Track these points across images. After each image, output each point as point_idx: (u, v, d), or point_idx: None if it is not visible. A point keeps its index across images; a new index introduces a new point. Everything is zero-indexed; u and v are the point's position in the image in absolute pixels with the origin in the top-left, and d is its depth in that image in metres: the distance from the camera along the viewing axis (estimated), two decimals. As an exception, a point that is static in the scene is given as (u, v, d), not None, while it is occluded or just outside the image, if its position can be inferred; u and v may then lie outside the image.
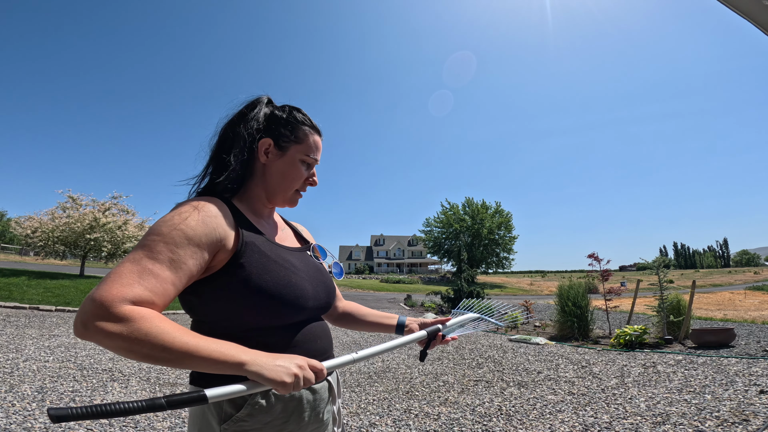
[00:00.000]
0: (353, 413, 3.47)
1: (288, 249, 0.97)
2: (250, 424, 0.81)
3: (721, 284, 42.91)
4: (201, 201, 0.84)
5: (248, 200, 0.98)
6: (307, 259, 1.00)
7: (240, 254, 0.84)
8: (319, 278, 0.98)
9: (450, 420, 3.30)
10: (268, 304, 0.83)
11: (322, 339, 0.95)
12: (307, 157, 0.98)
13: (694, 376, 4.53)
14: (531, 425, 3.17)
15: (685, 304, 7.24)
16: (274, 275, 0.85)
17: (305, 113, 1.01)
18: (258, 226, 0.94)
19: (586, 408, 3.56)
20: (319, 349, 0.93)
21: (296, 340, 0.89)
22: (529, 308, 11.08)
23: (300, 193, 1.02)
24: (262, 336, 0.84)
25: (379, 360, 5.63)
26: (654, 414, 3.33)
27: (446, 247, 52.44)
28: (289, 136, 0.96)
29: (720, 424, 3.06)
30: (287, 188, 0.98)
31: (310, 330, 0.92)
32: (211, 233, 0.81)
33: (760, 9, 1.58)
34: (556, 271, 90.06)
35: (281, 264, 0.89)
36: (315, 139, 0.99)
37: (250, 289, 0.82)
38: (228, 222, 0.85)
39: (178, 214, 0.81)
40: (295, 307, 0.87)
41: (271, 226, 1.02)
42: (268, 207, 1.02)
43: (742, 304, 18.32)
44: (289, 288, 0.86)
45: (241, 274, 0.83)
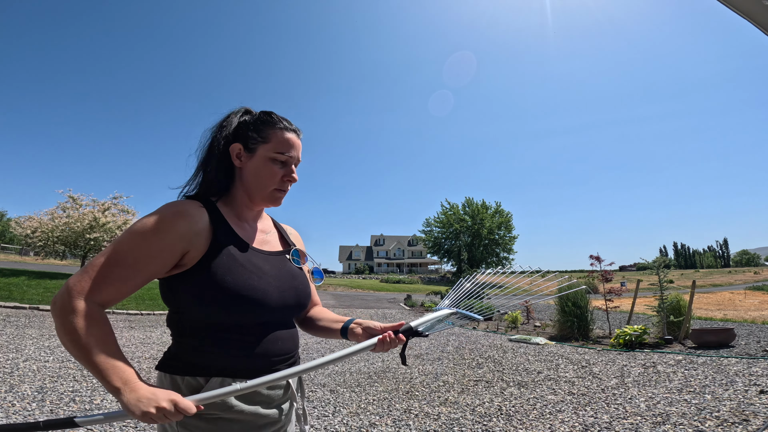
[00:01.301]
0: (353, 413, 3.47)
1: (263, 253, 1.02)
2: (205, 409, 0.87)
3: (721, 284, 42.91)
4: (179, 204, 0.93)
5: (232, 203, 1.04)
6: (282, 263, 1.05)
7: (209, 255, 0.91)
8: (290, 283, 1.02)
9: (450, 420, 3.30)
10: (228, 303, 0.89)
11: (284, 341, 1.00)
12: (278, 155, 1.01)
13: (694, 376, 4.53)
14: (531, 425, 3.17)
15: (685, 304, 7.24)
16: (236, 277, 0.91)
17: (277, 115, 1.04)
18: (237, 228, 1.01)
19: (586, 408, 3.56)
20: (279, 351, 0.98)
21: (257, 340, 0.94)
22: (529, 308, 11.09)
23: (281, 191, 1.04)
24: (225, 333, 0.91)
25: (379, 360, 5.63)
26: (654, 414, 3.33)
27: (446, 247, 52.46)
28: (257, 138, 1.01)
29: (720, 424, 3.06)
30: (262, 187, 1.02)
31: (272, 332, 0.97)
32: (182, 235, 0.89)
33: (760, 9, 1.58)
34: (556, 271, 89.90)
35: (247, 267, 0.94)
36: (285, 136, 1.02)
37: (212, 288, 0.89)
38: (202, 224, 0.92)
39: (154, 216, 0.89)
40: (254, 308, 0.92)
41: (253, 229, 1.06)
42: (254, 209, 1.07)
43: (742, 304, 18.32)
44: (249, 290, 0.91)
45: (206, 273, 0.90)
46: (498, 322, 10.11)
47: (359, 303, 17.41)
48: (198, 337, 0.92)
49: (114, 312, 9.66)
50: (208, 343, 0.91)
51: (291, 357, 1.02)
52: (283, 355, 0.99)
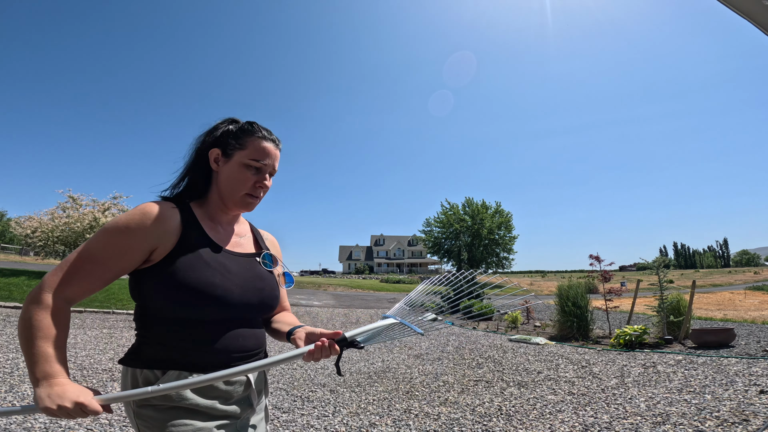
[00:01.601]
0: (353, 413, 3.47)
1: (232, 254, 1.06)
2: (159, 400, 0.91)
3: (721, 284, 42.88)
4: (150, 204, 0.98)
5: (207, 206, 1.10)
6: (251, 265, 1.09)
7: (175, 252, 0.96)
8: (255, 284, 1.05)
9: (450, 420, 3.30)
10: (188, 299, 0.93)
11: (246, 339, 1.03)
12: (253, 161, 1.05)
13: (694, 376, 4.53)
14: (531, 425, 3.17)
15: (685, 304, 7.24)
16: (199, 274, 0.95)
17: (258, 125, 1.09)
18: (210, 230, 1.06)
19: (586, 408, 3.56)
20: (239, 348, 1.01)
21: (217, 336, 0.97)
22: (529, 308, 11.09)
23: (252, 197, 1.08)
24: (185, 327, 0.95)
25: (379, 360, 5.63)
26: (654, 414, 3.33)
27: (446, 247, 52.42)
28: (234, 144, 1.06)
29: (720, 424, 3.06)
30: (234, 191, 1.06)
31: (233, 329, 1.00)
32: (148, 235, 0.94)
33: (760, 9, 1.58)
34: (556, 271, 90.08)
35: (211, 265, 0.98)
36: (262, 145, 1.06)
37: (174, 284, 0.93)
38: (171, 223, 0.98)
39: (126, 216, 0.95)
40: (214, 305, 0.96)
41: (226, 231, 1.11)
42: (228, 213, 1.12)
43: (742, 304, 18.31)
44: (210, 287, 0.95)
45: (171, 269, 0.94)
46: (498, 322, 10.11)
47: (359, 303, 17.40)
48: (159, 331, 0.95)
49: (114, 312, 9.67)
50: (168, 337, 0.95)
51: (253, 355, 1.05)
52: (243, 352, 1.01)
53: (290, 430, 3.08)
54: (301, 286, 28.45)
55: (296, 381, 4.45)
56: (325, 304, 15.87)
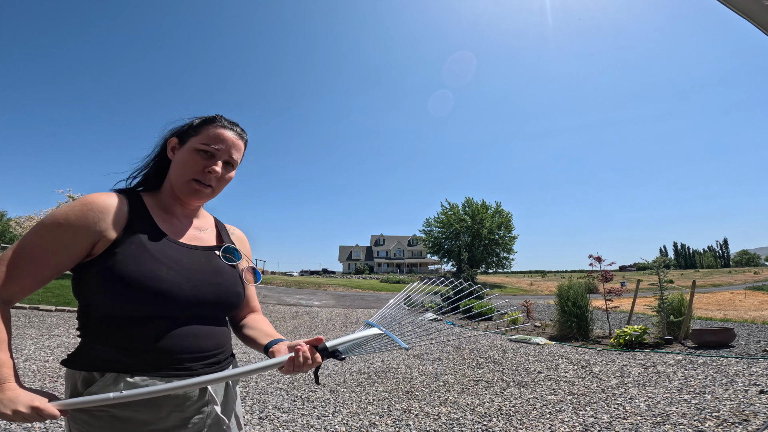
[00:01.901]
0: (353, 413, 3.47)
1: (185, 246, 0.99)
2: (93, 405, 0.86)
3: (721, 284, 42.90)
4: (91, 196, 0.92)
5: (162, 196, 1.05)
6: (208, 258, 1.01)
7: (117, 244, 0.89)
8: (211, 279, 0.98)
9: (450, 420, 3.30)
10: (129, 294, 0.86)
11: (200, 338, 0.94)
12: (204, 146, 1.00)
13: (694, 376, 4.53)
14: (531, 425, 3.17)
15: (685, 304, 7.24)
16: (141, 267, 0.87)
17: (222, 117, 1.05)
18: (161, 221, 0.99)
19: (586, 408, 3.56)
20: (190, 348, 0.92)
21: (162, 335, 0.89)
22: (529, 308, 11.09)
23: (200, 183, 1.00)
24: (127, 325, 0.88)
25: (379, 360, 5.63)
26: (654, 414, 3.33)
27: (446, 247, 52.44)
28: (191, 132, 1.02)
29: (720, 424, 3.06)
30: (181, 176, 1.00)
31: (185, 327, 0.92)
32: (89, 227, 0.88)
33: (760, 9, 1.58)
34: (556, 271, 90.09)
35: (157, 258, 0.91)
36: (216, 131, 1.01)
37: (113, 277, 0.86)
38: (116, 214, 0.92)
39: (66, 207, 0.90)
40: (159, 300, 0.88)
41: (182, 223, 1.05)
42: (185, 205, 1.06)
43: (742, 304, 18.32)
44: (154, 281, 0.87)
45: (110, 261, 0.87)
46: (498, 322, 10.11)
47: (359, 303, 17.40)
48: (99, 330, 0.89)
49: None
50: (109, 337, 0.88)
51: (211, 356, 0.96)
52: (197, 352, 0.93)
53: (290, 430, 3.08)
54: (301, 286, 28.45)
55: (296, 381, 4.45)
56: (325, 304, 15.87)
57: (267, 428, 3.11)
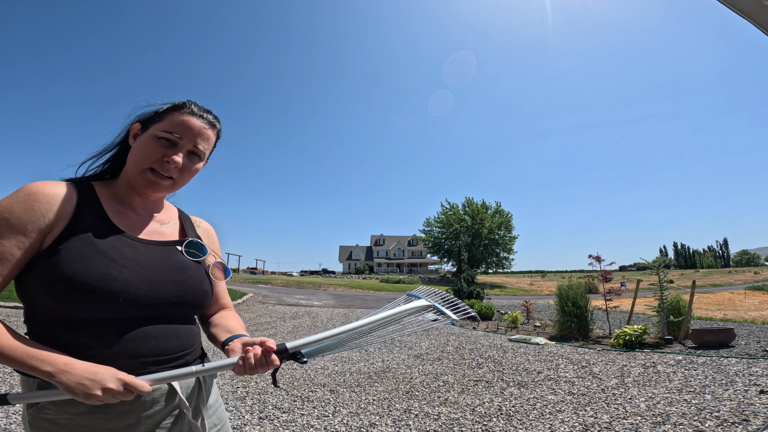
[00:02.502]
0: (353, 413, 3.47)
1: (141, 242, 0.90)
2: (55, 413, 0.79)
3: (721, 284, 42.90)
4: (38, 184, 0.83)
5: (117, 186, 0.96)
6: (168, 254, 0.93)
7: (62, 239, 0.80)
8: (172, 276, 0.90)
9: (450, 420, 3.30)
10: (75, 295, 0.77)
11: (161, 340, 0.86)
12: (166, 133, 0.90)
13: (694, 376, 4.53)
14: (531, 425, 3.17)
15: (685, 304, 7.24)
16: (88, 265, 0.79)
17: (192, 103, 0.96)
18: (115, 213, 0.90)
19: (586, 408, 3.56)
20: (151, 350, 0.84)
21: (118, 337, 0.81)
22: (529, 308, 11.09)
23: (160, 175, 0.91)
24: (80, 328, 0.80)
25: (379, 360, 5.63)
26: (654, 414, 3.33)
27: (446, 247, 52.45)
28: (155, 118, 0.94)
29: (720, 424, 3.06)
30: (136, 164, 0.91)
31: (144, 329, 0.84)
32: (37, 219, 0.79)
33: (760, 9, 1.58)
34: (556, 271, 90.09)
35: (108, 255, 0.82)
36: (182, 118, 0.92)
37: (58, 277, 0.77)
38: (63, 205, 0.82)
39: (7, 199, 0.80)
40: (112, 301, 0.79)
41: (140, 216, 0.96)
42: (139, 195, 0.96)
43: (742, 304, 18.32)
44: (103, 280, 0.79)
45: (53, 260, 0.78)
46: (498, 322, 10.11)
47: (359, 303, 17.40)
48: (51, 334, 0.80)
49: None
50: (62, 342, 0.79)
51: (175, 358, 0.89)
52: (160, 355, 0.85)
53: (290, 430, 3.08)
54: (301, 286, 28.45)
55: (296, 381, 4.45)
56: (325, 304, 15.87)
57: (267, 428, 3.11)
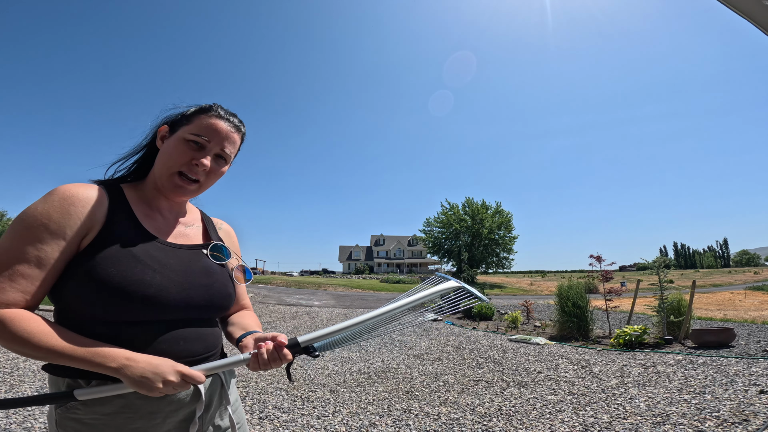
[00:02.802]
0: (353, 413, 3.47)
1: (170, 245, 0.92)
2: (84, 413, 0.80)
3: (721, 284, 42.90)
4: (71, 187, 0.84)
5: (144, 189, 0.97)
6: (195, 258, 0.95)
7: (96, 243, 0.82)
8: (200, 280, 0.92)
9: (450, 420, 3.30)
10: (112, 299, 0.79)
11: (189, 342, 0.88)
12: (195, 137, 0.92)
13: (694, 376, 4.53)
14: (531, 425, 3.17)
15: (685, 304, 7.24)
16: (122, 269, 0.80)
17: (219, 106, 0.98)
18: (144, 216, 0.92)
19: (586, 408, 3.56)
20: (181, 352, 0.86)
21: (151, 340, 0.83)
22: (529, 308, 11.09)
23: (188, 179, 0.93)
24: (112, 331, 0.81)
25: (379, 360, 5.63)
26: (654, 414, 3.33)
27: (446, 247, 52.45)
28: (183, 121, 0.95)
29: (720, 424, 3.06)
30: (166, 167, 0.92)
31: (174, 331, 0.87)
32: (75, 223, 0.80)
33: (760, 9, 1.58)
34: (556, 271, 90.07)
35: (141, 259, 0.84)
36: (210, 122, 0.94)
37: (94, 281, 0.79)
38: (97, 209, 0.84)
39: (42, 203, 0.80)
40: (145, 305, 0.82)
41: (167, 219, 0.97)
42: (168, 197, 0.97)
43: (742, 304, 18.31)
44: (137, 285, 0.81)
45: (89, 263, 0.80)
46: (498, 322, 10.11)
47: (359, 303, 17.40)
48: (82, 333, 0.80)
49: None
50: None
51: (203, 359, 0.91)
52: (188, 357, 0.87)
53: (290, 430, 3.08)
54: (301, 286, 28.45)
55: (296, 381, 4.45)
56: (325, 304, 15.87)
57: (267, 428, 3.11)
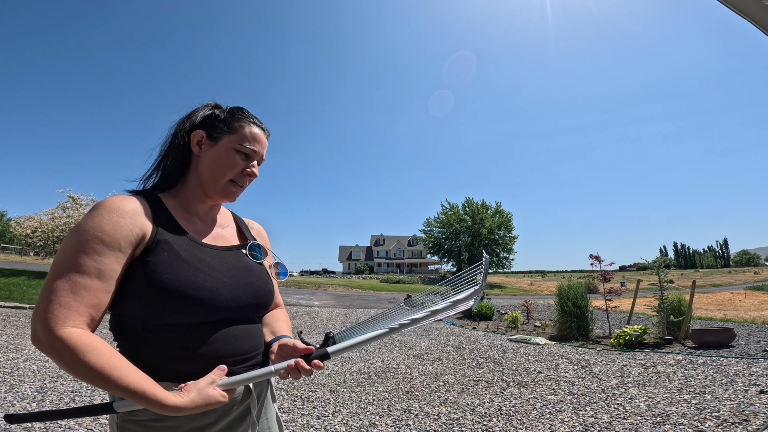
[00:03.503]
0: (353, 413, 3.47)
1: (214, 248, 0.96)
2: (144, 415, 0.83)
3: (721, 284, 42.89)
4: (116, 200, 0.86)
5: (183, 195, 0.99)
6: (237, 258, 0.99)
7: (148, 251, 0.85)
8: (244, 279, 0.96)
9: (450, 420, 3.30)
10: (169, 303, 0.83)
11: (240, 341, 0.93)
12: (242, 146, 0.97)
13: (694, 376, 4.53)
14: (531, 425, 3.17)
15: (685, 304, 7.24)
16: (177, 275, 0.85)
17: (248, 111, 1.01)
18: (186, 222, 0.95)
19: (586, 408, 3.56)
20: (232, 351, 0.90)
21: (205, 340, 0.87)
22: (529, 308, 11.09)
23: (238, 186, 1.00)
24: (167, 333, 0.85)
25: (379, 360, 5.63)
26: (654, 414, 3.33)
27: (446, 247, 52.46)
28: (222, 128, 0.98)
29: (720, 424, 3.06)
30: (218, 177, 0.97)
31: (225, 330, 0.90)
32: (127, 234, 0.83)
33: (760, 9, 1.58)
34: (556, 271, 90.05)
35: (192, 264, 0.88)
36: (252, 131, 0.99)
37: (151, 287, 0.82)
38: (144, 219, 0.87)
39: (92, 218, 0.82)
40: (200, 308, 0.86)
41: (205, 223, 1.01)
42: (207, 202, 1.01)
43: (742, 304, 18.31)
44: (192, 289, 0.85)
45: (144, 271, 0.83)
46: (498, 322, 10.11)
47: (359, 303, 17.40)
48: (139, 339, 0.85)
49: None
50: (150, 346, 0.85)
51: (251, 357, 0.95)
52: (239, 355, 0.92)
53: (290, 430, 3.08)
54: (301, 286, 28.44)
55: (296, 381, 4.45)
56: (325, 304, 15.86)
57: (267, 428, 3.11)
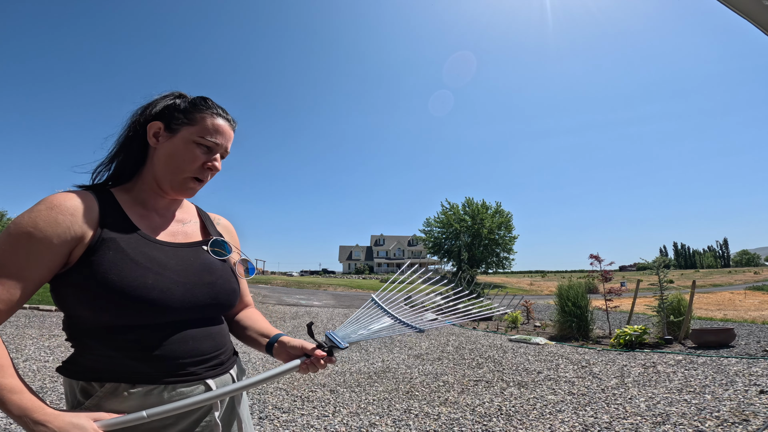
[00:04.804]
0: (353, 413, 3.47)
1: (169, 245, 0.90)
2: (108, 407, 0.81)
3: (721, 284, 42.89)
4: (60, 197, 0.82)
5: (137, 190, 0.93)
6: (195, 256, 0.93)
7: (92, 251, 0.80)
8: (203, 278, 0.90)
9: (450, 420, 3.30)
10: (116, 304, 0.78)
11: (199, 341, 0.88)
12: (203, 139, 0.91)
13: (694, 376, 4.53)
14: (531, 425, 3.17)
15: (685, 304, 7.24)
16: (124, 275, 0.79)
17: (212, 101, 0.95)
18: (139, 218, 0.90)
19: (586, 408, 3.56)
20: (190, 352, 0.85)
21: (159, 341, 0.82)
22: (529, 308, 11.09)
23: (197, 181, 0.93)
24: (119, 335, 0.80)
25: (379, 360, 5.63)
26: (654, 414, 3.33)
27: (446, 247, 52.44)
28: (182, 119, 0.91)
29: (720, 424, 3.06)
30: (175, 171, 0.91)
31: (180, 332, 0.85)
32: (62, 232, 0.78)
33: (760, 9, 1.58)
34: (556, 271, 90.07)
35: (140, 263, 0.82)
36: (215, 122, 0.92)
37: (96, 288, 0.78)
38: (88, 217, 0.82)
39: (30, 213, 0.78)
40: (150, 308, 0.81)
41: (163, 218, 0.95)
42: (164, 197, 0.95)
43: (742, 304, 18.31)
44: (141, 289, 0.80)
45: (88, 271, 0.79)
46: (498, 322, 10.10)
47: (359, 303, 17.40)
48: (91, 340, 0.81)
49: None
50: (102, 347, 0.80)
51: (211, 358, 0.90)
52: (198, 356, 0.87)
53: (290, 430, 3.08)
54: (301, 286, 28.44)
55: (296, 381, 4.45)
56: (325, 304, 15.87)
57: (267, 428, 3.11)
